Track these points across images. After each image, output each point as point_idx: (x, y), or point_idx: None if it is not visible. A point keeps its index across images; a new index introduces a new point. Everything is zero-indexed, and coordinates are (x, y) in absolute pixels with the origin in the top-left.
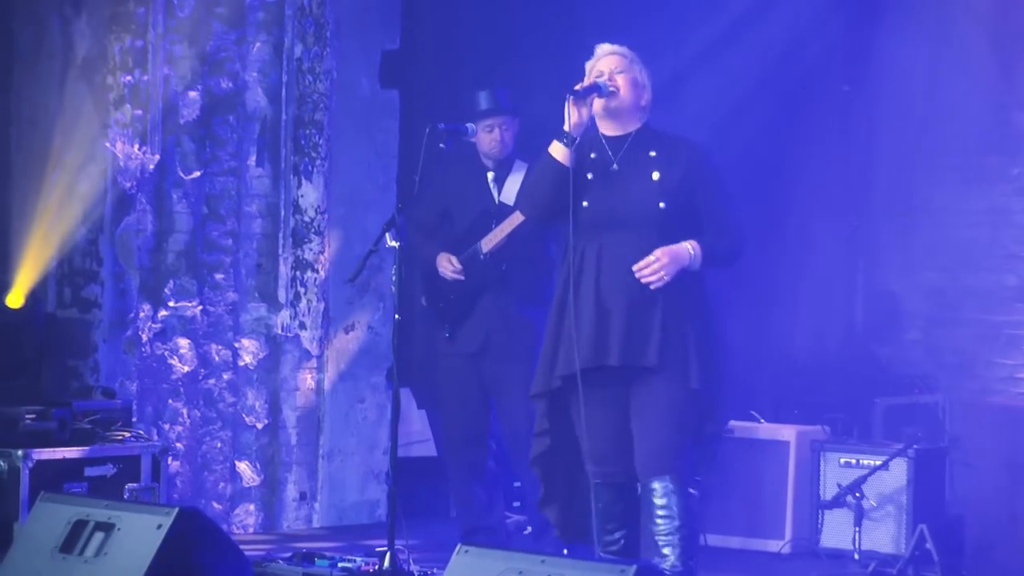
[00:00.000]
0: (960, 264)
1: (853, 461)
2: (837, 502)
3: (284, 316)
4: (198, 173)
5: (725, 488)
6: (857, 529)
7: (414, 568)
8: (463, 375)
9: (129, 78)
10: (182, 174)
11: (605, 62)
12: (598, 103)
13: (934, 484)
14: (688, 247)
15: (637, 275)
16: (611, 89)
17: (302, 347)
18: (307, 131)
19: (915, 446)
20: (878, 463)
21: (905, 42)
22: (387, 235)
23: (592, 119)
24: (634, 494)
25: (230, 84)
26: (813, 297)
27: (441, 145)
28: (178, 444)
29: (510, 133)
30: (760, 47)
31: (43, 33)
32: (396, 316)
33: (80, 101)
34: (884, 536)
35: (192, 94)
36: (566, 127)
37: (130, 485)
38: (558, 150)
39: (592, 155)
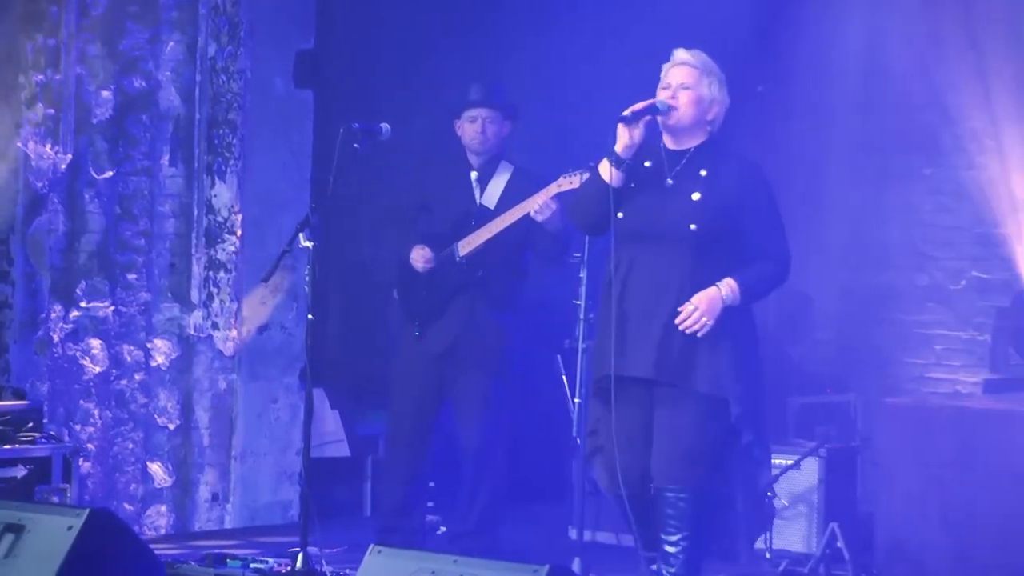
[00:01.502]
0: (871, 263)
1: None
2: None
3: (197, 316)
4: (111, 173)
5: None
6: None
7: (327, 568)
8: (425, 375)
9: (41, 77)
10: (94, 174)
11: (675, 73)
12: (660, 119)
13: (845, 483)
14: (721, 291)
15: (680, 327)
16: (670, 106)
17: (215, 347)
18: (221, 131)
19: (827, 445)
20: (790, 463)
21: (819, 42)
22: (301, 235)
23: (650, 134)
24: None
25: (143, 83)
26: None
27: (355, 145)
28: (89, 445)
29: (493, 128)
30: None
31: None
32: (309, 316)
33: None
34: (795, 535)
35: (105, 93)
36: (617, 148)
37: (41, 486)
38: (606, 170)
39: (647, 163)
